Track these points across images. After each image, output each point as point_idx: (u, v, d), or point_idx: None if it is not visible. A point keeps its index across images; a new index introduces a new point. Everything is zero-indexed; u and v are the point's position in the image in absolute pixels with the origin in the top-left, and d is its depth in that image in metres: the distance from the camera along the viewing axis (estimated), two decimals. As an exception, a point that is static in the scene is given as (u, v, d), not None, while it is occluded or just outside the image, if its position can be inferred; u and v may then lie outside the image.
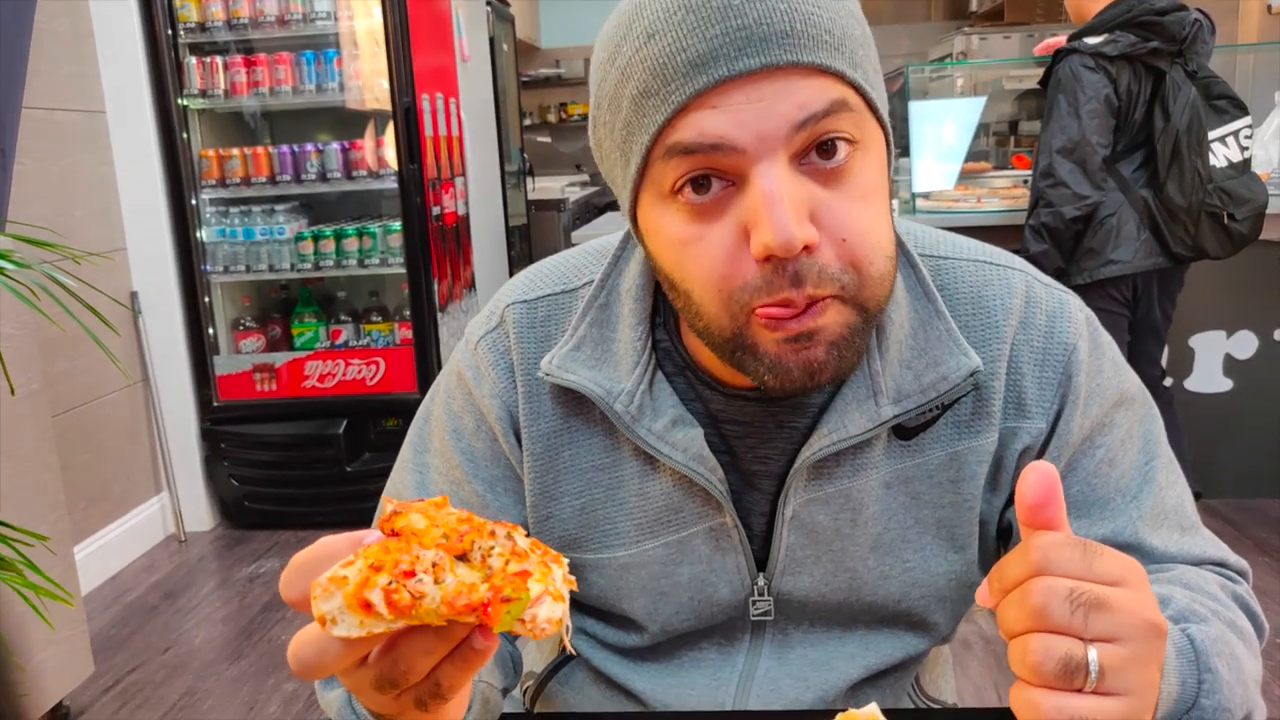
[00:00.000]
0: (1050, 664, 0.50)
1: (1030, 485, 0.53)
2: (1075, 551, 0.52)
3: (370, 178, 3.50)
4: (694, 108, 0.63)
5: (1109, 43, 2.59)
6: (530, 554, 0.48)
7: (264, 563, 3.31)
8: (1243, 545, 3.00)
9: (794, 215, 0.61)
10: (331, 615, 0.45)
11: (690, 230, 0.66)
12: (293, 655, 0.49)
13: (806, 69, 0.62)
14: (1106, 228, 2.68)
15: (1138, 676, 0.52)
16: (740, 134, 0.62)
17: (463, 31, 4.04)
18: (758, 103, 0.62)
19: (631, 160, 0.67)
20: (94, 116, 3.26)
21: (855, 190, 0.65)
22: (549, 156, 7.50)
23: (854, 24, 0.66)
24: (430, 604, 0.45)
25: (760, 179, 0.62)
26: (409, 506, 0.49)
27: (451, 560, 0.47)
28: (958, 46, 5.99)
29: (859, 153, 0.65)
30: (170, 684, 2.56)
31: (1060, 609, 0.50)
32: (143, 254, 3.42)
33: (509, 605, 0.45)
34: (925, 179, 3.58)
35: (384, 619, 0.45)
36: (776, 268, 0.63)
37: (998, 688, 2.37)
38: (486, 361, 0.84)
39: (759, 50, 0.61)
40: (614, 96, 0.67)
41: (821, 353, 0.65)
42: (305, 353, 3.58)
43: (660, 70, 0.63)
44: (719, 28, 0.61)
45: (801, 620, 0.85)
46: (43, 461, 2.17)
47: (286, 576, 0.49)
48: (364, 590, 0.45)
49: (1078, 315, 0.80)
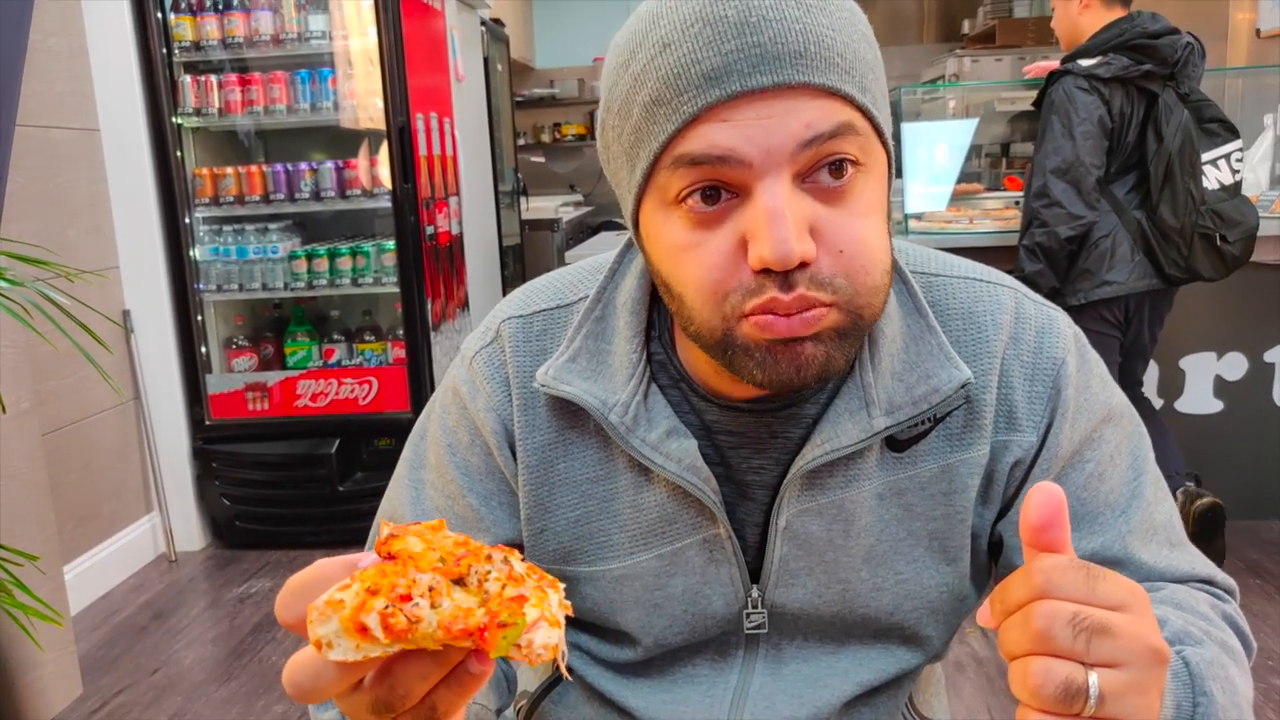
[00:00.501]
0: (1050, 687, 0.50)
1: (1036, 507, 0.52)
2: (1079, 575, 0.52)
3: (364, 197, 3.51)
4: (705, 119, 0.64)
5: (1102, 65, 2.61)
6: (527, 579, 0.48)
7: (255, 583, 3.29)
8: (1235, 567, 3.00)
9: (794, 231, 0.63)
10: (328, 639, 0.45)
11: (690, 237, 0.67)
12: (288, 679, 0.49)
13: (817, 90, 0.63)
14: (1101, 249, 2.70)
15: (1137, 702, 0.51)
16: (748, 148, 0.63)
17: (457, 51, 4.06)
18: (767, 119, 0.63)
19: (638, 166, 0.68)
20: (88, 134, 3.26)
21: (855, 208, 0.66)
22: (543, 176, 7.52)
23: (866, 48, 0.67)
24: (427, 628, 0.45)
25: (763, 194, 0.63)
26: (405, 530, 0.49)
27: (448, 584, 0.46)
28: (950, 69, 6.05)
29: (862, 174, 0.67)
30: (159, 705, 2.54)
31: (1062, 633, 0.50)
32: (135, 272, 3.41)
33: (505, 630, 0.45)
34: (918, 200, 3.60)
35: (380, 643, 0.44)
36: (770, 274, 0.64)
37: (991, 710, 2.36)
38: (482, 376, 0.84)
39: (772, 68, 0.62)
40: (625, 102, 0.68)
41: (810, 348, 0.66)
42: (298, 372, 3.57)
43: (674, 80, 0.64)
44: (735, 43, 0.62)
45: (795, 634, 0.85)
46: (32, 480, 2.16)
47: (282, 599, 0.49)
48: (360, 614, 0.44)
49: (1066, 331, 0.82)
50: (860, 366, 0.77)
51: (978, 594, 0.87)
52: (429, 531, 0.49)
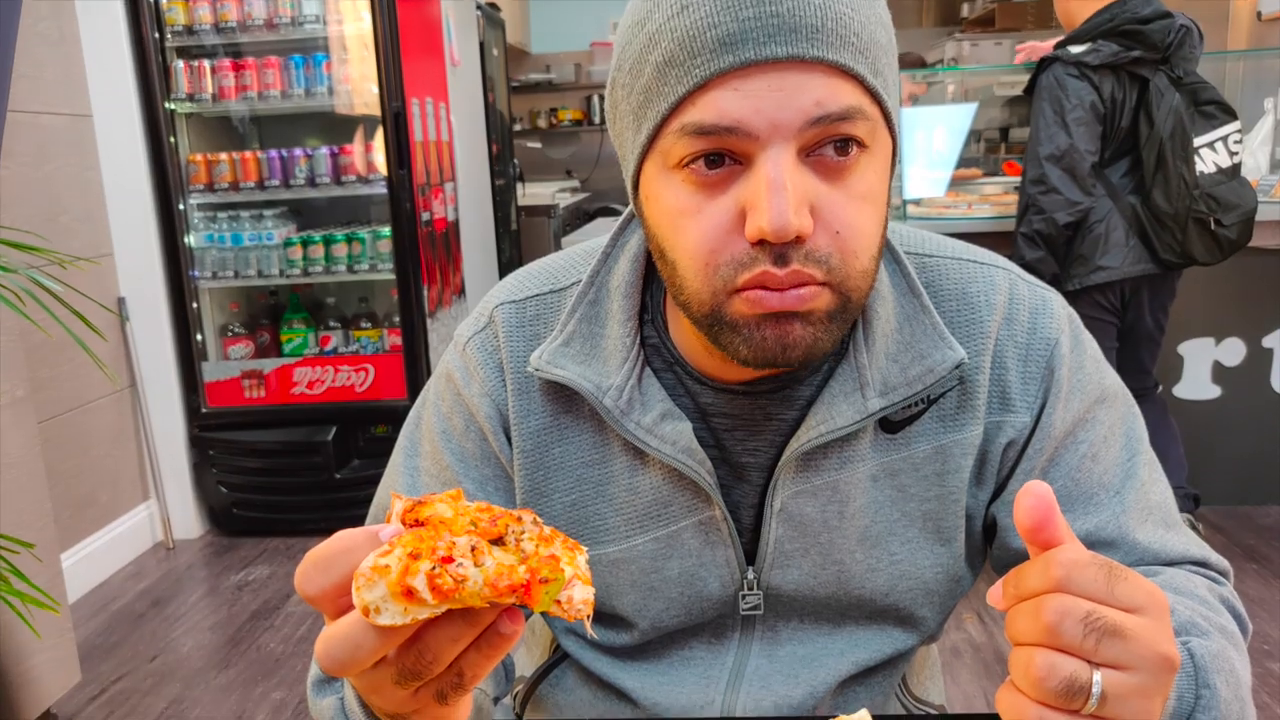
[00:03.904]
0: (1053, 682, 0.50)
1: (1026, 510, 0.52)
2: (1100, 573, 0.51)
3: (359, 183, 3.50)
4: (715, 85, 0.64)
5: (1091, 52, 2.60)
6: (555, 539, 0.50)
7: (252, 570, 3.29)
8: (1232, 553, 3.00)
9: (793, 204, 0.63)
10: (375, 604, 0.46)
11: (690, 202, 0.67)
12: (324, 653, 0.49)
13: (830, 67, 0.63)
14: (1095, 234, 2.69)
15: (1138, 707, 0.51)
16: (756, 120, 0.63)
17: (453, 36, 4.04)
18: (778, 92, 0.63)
19: (644, 127, 0.68)
20: (80, 120, 3.24)
21: (856, 189, 0.66)
22: (539, 162, 7.49)
23: (881, 31, 0.67)
24: (473, 587, 0.46)
25: (766, 165, 0.63)
26: (430, 498, 0.50)
27: (487, 544, 0.48)
28: (949, 52, 6.02)
29: (866, 156, 0.67)
30: (158, 692, 2.54)
31: (1073, 630, 0.50)
32: (130, 259, 3.40)
33: (547, 586, 0.47)
34: (916, 185, 3.58)
35: (428, 604, 0.45)
36: (765, 247, 0.64)
37: (986, 695, 2.37)
38: (475, 361, 0.84)
39: (788, 40, 0.62)
40: (637, 61, 0.68)
41: (798, 328, 0.67)
42: (294, 359, 3.56)
43: (689, 42, 0.64)
44: (753, 10, 0.62)
45: (790, 616, 0.85)
46: (29, 468, 2.16)
47: (304, 571, 0.49)
48: (407, 578, 0.45)
49: (1060, 312, 0.82)
50: (855, 347, 0.77)
51: (972, 575, 0.88)
52: (450, 499, 0.51)
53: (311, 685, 0.76)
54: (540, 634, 1.01)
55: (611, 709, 0.90)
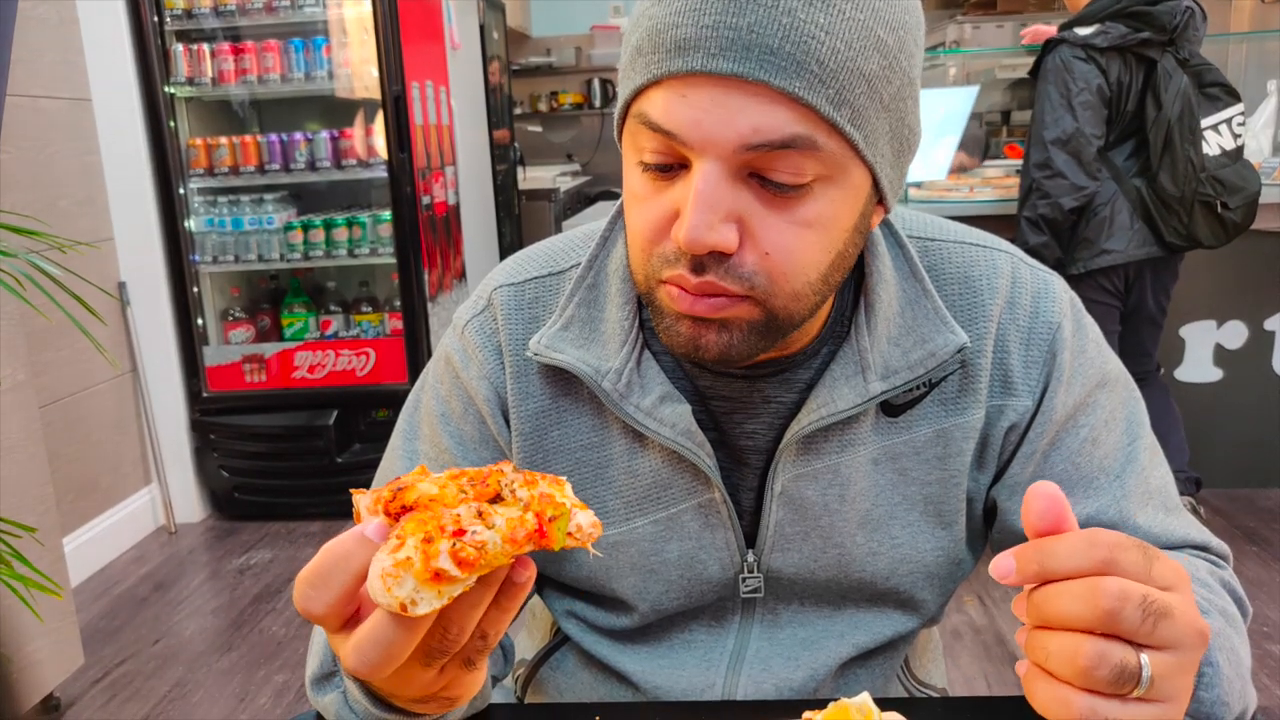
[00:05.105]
0: (1104, 670, 0.49)
1: (1037, 514, 0.52)
2: (1139, 555, 0.51)
3: (360, 167, 3.49)
4: (666, 85, 0.63)
5: (1099, 34, 2.58)
6: (539, 480, 0.51)
7: (254, 554, 3.30)
8: (1233, 535, 3.01)
9: (712, 219, 0.62)
10: (409, 598, 0.46)
11: (644, 189, 0.68)
12: (359, 662, 0.49)
13: (777, 92, 0.60)
14: (1100, 217, 2.68)
15: (1180, 684, 0.51)
16: (692, 133, 0.62)
17: (453, 19, 4.02)
18: (720, 108, 0.61)
19: (621, 96, 0.69)
20: (79, 104, 3.23)
21: (800, 215, 0.64)
22: (540, 146, 7.46)
23: (871, 57, 0.61)
24: (494, 549, 0.47)
25: (696, 177, 0.63)
26: (399, 482, 0.50)
27: (488, 505, 0.48)
28: (950, 35, 5.98)
29: (821, 186, 0.64)
30: (160, 675, 2.55)
31: (1133, 615, 0.49)
32: (130, 243, 3.39)
33: (556, 523, 0.48)
34: (918, 168, 3.57)
35: (459, 579, 0.46)
36: (685, 253, 0.64)
37: (988, 677, 2.37)
38: (474, 344, 0.84)
39: (739, 57, 0.60)
40: (630, 30, 0.68)
41: (712, 335, 0.67)
42: (295, 343, 3.56)
43: (654, 35, 0.63)
44: (713, 19, 0.60)
45: (791, 599, 0.85)
46: (30, 453, 2.16)
47: (302, 592, 0.49)
48: (431, 562, 0.46)
49: (1062, 295, 0.82)
50: (856, 331, 0.77)
51: (973, 558, 0.88)
52: (422, 476, 0.51)
53: (311, 683, 0.76)
54: (541, 617, 1.01)
55: (612, 692, 0.91)
